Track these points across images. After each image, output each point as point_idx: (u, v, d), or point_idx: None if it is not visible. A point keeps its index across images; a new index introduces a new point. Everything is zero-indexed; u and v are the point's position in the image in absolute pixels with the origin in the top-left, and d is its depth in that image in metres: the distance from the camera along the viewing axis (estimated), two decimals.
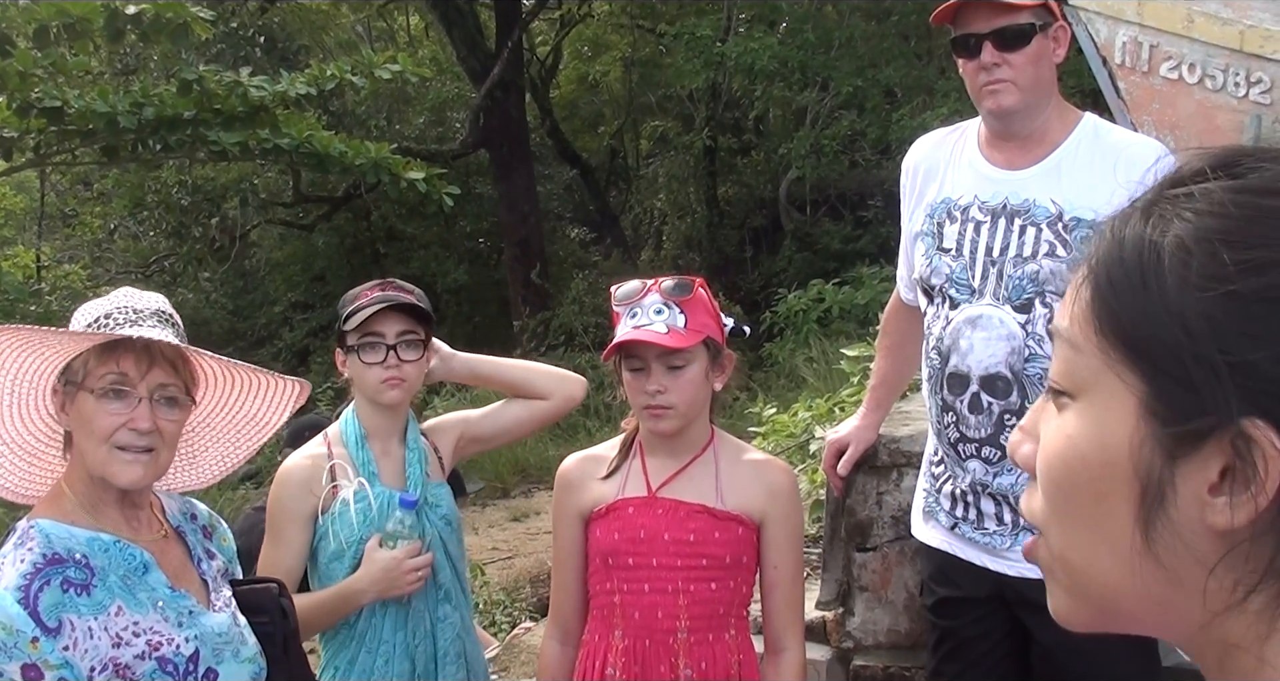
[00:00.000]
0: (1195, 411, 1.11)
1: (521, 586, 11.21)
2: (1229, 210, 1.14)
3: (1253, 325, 1.09)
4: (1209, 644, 1.19)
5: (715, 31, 23.46)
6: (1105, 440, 1.19)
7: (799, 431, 8.48)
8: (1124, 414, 1.17)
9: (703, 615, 3.82)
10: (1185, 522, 1.14)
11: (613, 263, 26.67)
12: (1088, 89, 9.44)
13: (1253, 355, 1.08)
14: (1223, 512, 1.11)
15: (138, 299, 3.27)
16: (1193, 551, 1.14)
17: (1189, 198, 1.18)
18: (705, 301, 3.84)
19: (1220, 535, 1.12)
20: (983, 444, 4.04)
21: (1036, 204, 3.96)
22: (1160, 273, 1.14)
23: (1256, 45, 5.07)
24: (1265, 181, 1.16)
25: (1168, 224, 1.17)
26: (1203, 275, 1.12)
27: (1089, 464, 1.21)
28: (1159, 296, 1.14)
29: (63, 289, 21.80)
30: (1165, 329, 1.13)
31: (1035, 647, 4.12)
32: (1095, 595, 1.25)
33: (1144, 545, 1.17)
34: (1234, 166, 1.19)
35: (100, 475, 3.12)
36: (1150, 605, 1.20)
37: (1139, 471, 1.16)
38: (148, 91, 12.23)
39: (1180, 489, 1.13)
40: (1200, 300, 1.11)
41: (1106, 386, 1.19)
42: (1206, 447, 1.11)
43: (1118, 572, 1.20)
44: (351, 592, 4.26)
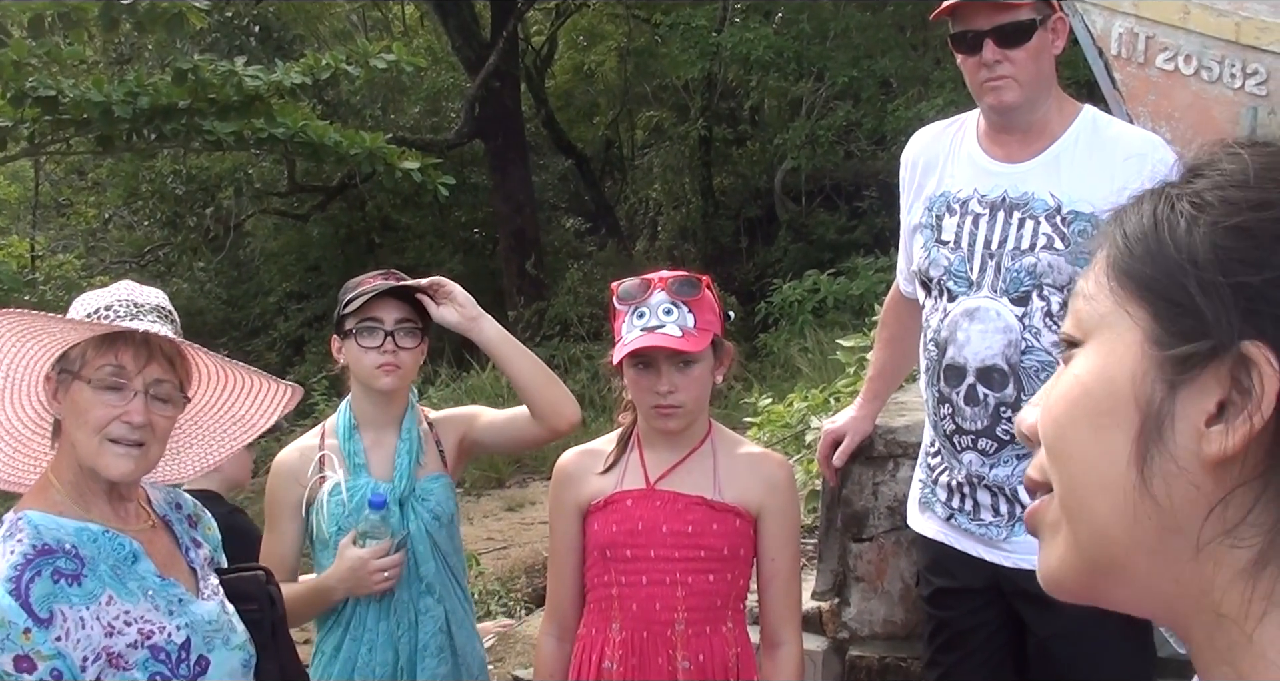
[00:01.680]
0: (1196, 333, 1.13)
1: (517, 576, 11.21)
2: (1235, 163, 1.19)
3: (1256, 253, 1.12)
4: (1198, 614, 1.17)
5: (710, 21, 23.45)
6: (1109, 373, 1.21)
7: (794, 422, 8.47)
8: (1129, 346, 1.19)
9: (700, 607, 3.82)
10: (1182, 457, 1.14)
11: (608, 253, 26.64)
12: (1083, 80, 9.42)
13: (1253, 278, 1.11)
14: (1218, 440, 1.11)
15: (138, 293, 3.27)
16: (1188, 489, 1.14)
17: (1209, 165, 1.23)
18: (711, 298, 3.84)
19: (1216, 472, 1.13)
20: (979, 435, 4.04)
21: (1035, 197, 3.96)
22: (1174, 218, 1.19)
23: (1253, 37, 5.06)
24: (1267, 147, 1.22)
25: (1184, 186, 1.22)
26: (1214, 212, 1.16)
27: (1092, 396, 1.22)
28: (1170, 236, 1.18)
29: (57, 278, 21.81)
30: (1173, 262, 1.17)
31: (1031, 638, 4.12)
32: (1090, 545, 1.23)
33: (1141, 482, 1.17)
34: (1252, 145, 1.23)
35: (90, 466, 3.11)
36: (1144, 555, 1.19)
37: (1139, 401, 1.17)
38: (142, 81, 12.23)
39: (1178, 420, 1.14)
40: (1208, 233, 1.15)
41: (1114, 324, 1.22)
42: (1205, 374, 1.13)
43: (1115, 515, 1.20)
44: (324, 589, 4.30)
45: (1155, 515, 1.16)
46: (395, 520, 4.32)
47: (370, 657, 4.31)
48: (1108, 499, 1.20)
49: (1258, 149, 1.20)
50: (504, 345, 4.47)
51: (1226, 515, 1.13)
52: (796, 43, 22.09)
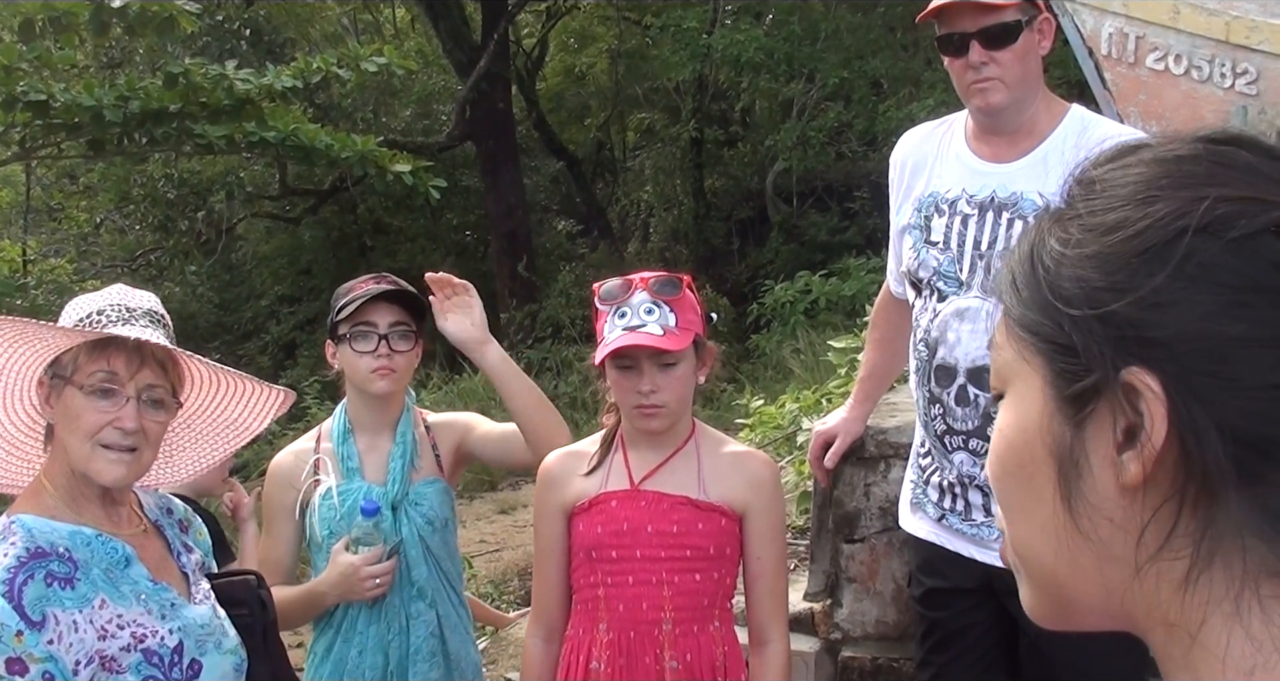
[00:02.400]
0: (1080, 371, 1.16)
1: (509, 579, 11.22)
2: (1096, 188, 1.22)
3: (1115, 278, 1.14)
4: (1152, 627, 1.20)
5: (701, 23, 23.43)
6: (1023, 423, 1.24)
7: (786, 423, 8.48)
8: (1034, 393, 1.22)
9: (687, 606, 3.82)
10: (1102, 490, 1.17)
11: (600, 255, 26.62)
12: (1073, 80, 9.45)
13: (1118, 304, 1.13)
14: (1128, 466, 1.13)
15: (131, 297, 3.27)
16: (1114, 521, 1.17)
17: (1079, 187, 1.25)
18: (692, 298, 3.84)
19: (1135, 497, 1.15)
20: (970, 436, 4.05)
21: (1024, 197, 3.96)
22: (1043, 254, 1.21)
23: (1242, 36, 5.07)
24: (1134, 156, 1.23)
25: (1057, 216, 1.24)
26: (1072, 245, 1.18)
27: (1014, 449, 1.26)
28: (1042, 274, 1.20)
29: (49, 283, 21.74)
30: (1049, 303, 1.19)
31: (1023, 638, 4.13)
32: (1046, 586, 1.28)
33: (1070, 522, 1.20)
34: (1125, 154, 1.26)
35: (83, 472, 3.11)
36: (1093, 588, 1.22)
37: (1051, 445, 1.20)
38: (133, 85, 12.23)
39: (1090, 456, 1.17)
40: (1069, 265, 1.17)
41: (1020, 374, 1.24)
42: (1101, 407, 1.15)
43: (1056, 558, 1.23)
44: (316, 594, 4.31)
45: (1090, 549, 1.20)
46: (388, 526, 4.32)
47: (360, 660, 4.31)
48: (1047, 542, 1.24)
49: (1161, 153, 1.21)
50: (506, 372, 4.43)
51: (1155, 535, 1.15)
52: (787, 44, 22.09)
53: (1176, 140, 1.23)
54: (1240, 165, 1.17)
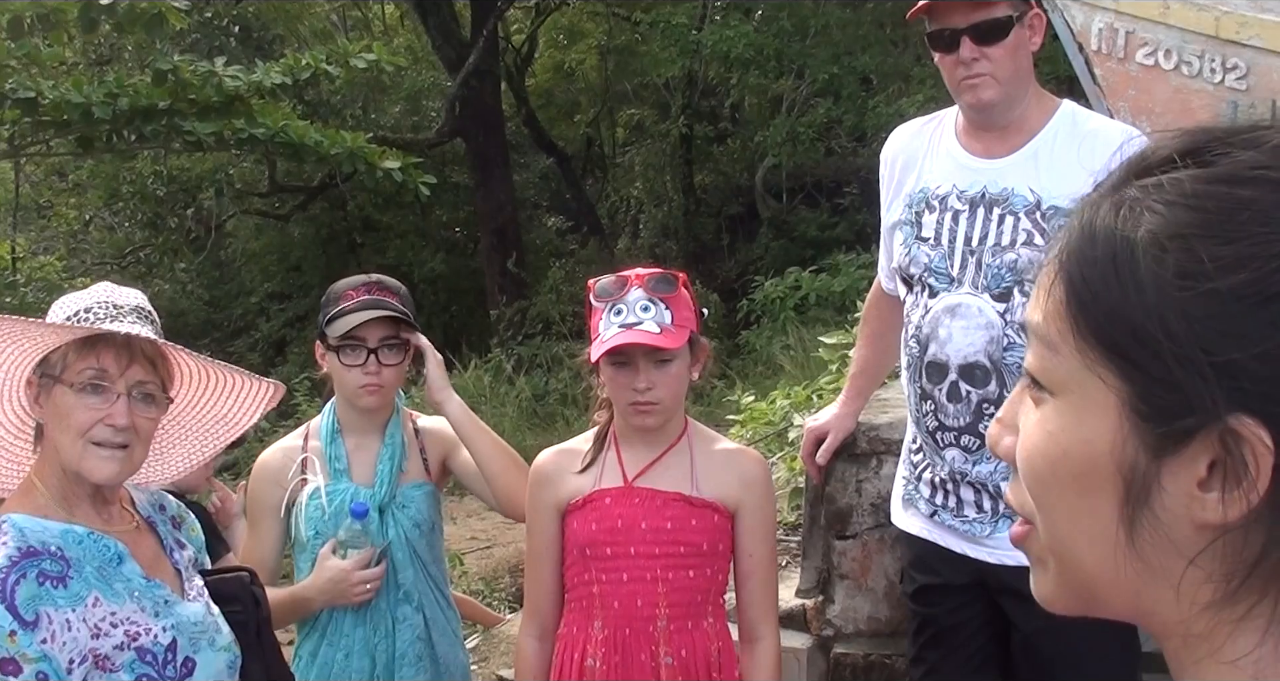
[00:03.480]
0: (1181, 411, 1.11)
1: (500, 576, 11.21)
2: (1202, 202, 1.13)
3: (1234, 323, 1.08)
4: (1173, 632, 1.20)
5: (691, 19, 23.45)
6: (1087, 437, 1.19)
7: (777, 419, 8.47)
8: (1105, 412, 1.17)
9: (682, 603, 3.83)
10: (1170, 518, 1.14)
11: (589, 251, 26.60)
12: (1063, 75, 9.45)
13: (1236, 354, 1.07)
14: (1214, 509, 1.10)
15: (118, 294, 3.27)
16: (1176, 546, 1.15)
17: (1159, 188, 1.17)
18: (687, 295, 3.85)
19: (1204, 528, 1.12)
20: (961, 432, 4.05)
21: (1015, 193, 3.97)
22: (1136, 271, 1.13)
23: (1232, 31, 5.07)
24: (1236, 169, 1.15)
25: (1138, 217, 1.16)
26: (1180, 273, 1.10)
27: (1072, 460, 1.21)
28: (1136, 295, 1.13)
29: (38, 280, 21.73)
30: (1145, 329, 1.12)
31: (1015, 634, 4.13)
32: (1078, 584, 1.25)
33: (1127, 540, 1.17)
34: (1202, 152, 1.18)
35: (75, 470, 3.11)
36: (1129, 596, 1.21)
37: (1122, 469, 1.16)
38: (122, 82, 12.22)
39: (1166, 485, 1.13)
40: (1179, 299, 1.10)
41: (1087, 385, 1.19)
42: (1193, 445, 1.11)
43: (1101, 565, 1.21)
44: (301, 599, 4.29)
45: (1140, 567, 1.18)
46: (375, 529, 4.31)
47: (347, 664, 4.30)
48: (1094, 552, 1.21)
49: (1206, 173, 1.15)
50: (470, 427, 4.40)
51: (1218, 559, 1.13)
52: (777, 40, 22.09)
53: (1265, 151, 1.16)
54: None
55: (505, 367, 20.38)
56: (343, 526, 4.23)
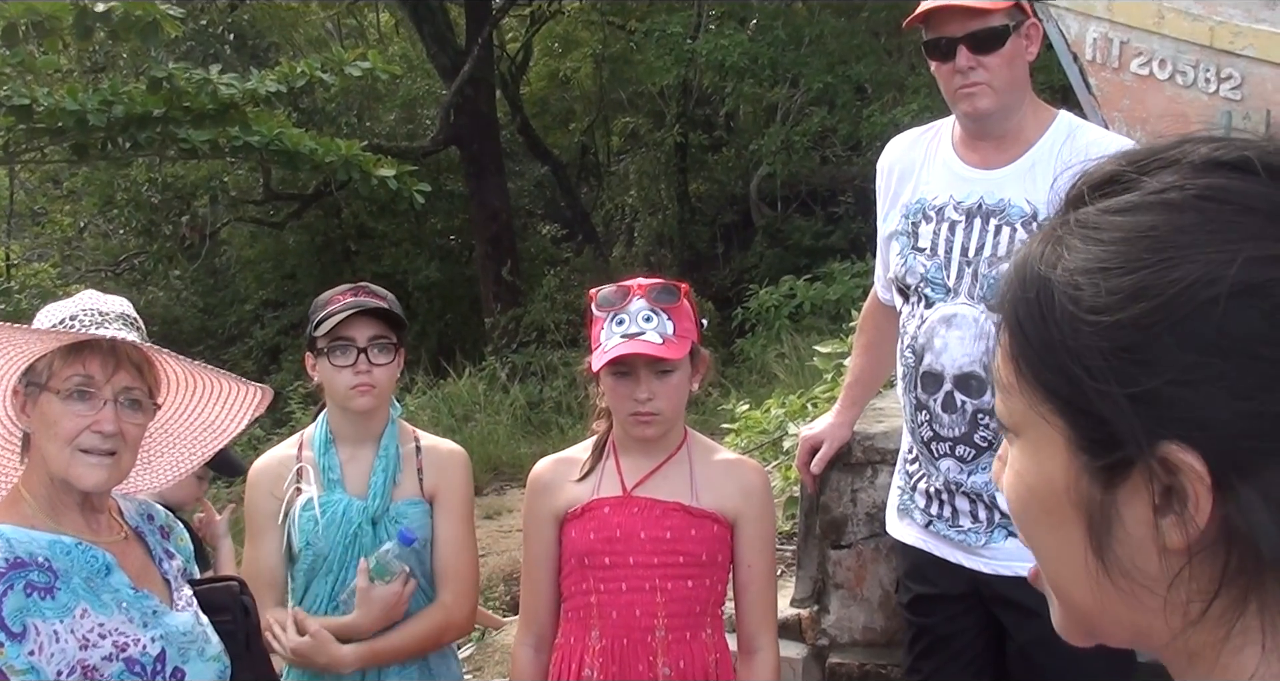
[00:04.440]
0: (1112, 444, 1.13)
1: (495, 585, 11.18)
2: (1109, 235, 1.15)
3: (1143, 353, 1.10)
4: (1175, 654, 1.20)
5: (686, 28, 23.42)
6: (1047, 475, 1.22)
7: (772, 428, 8.48)
8: (1056, 450, 1.20)
9: (680, 613, 3.82)
10: (1134, 546, 1.16)
11: (584, 259, 26.62)
12: (1058, 85, 9.45)
13: (1150, 383, 1.09)
14: (1170, 532, 1.12)
15: (103, 301, 3.26)
16: (1147, 571, 1.16)
17: (1078, 223, 1.19)
18: (688, 306, 3.84)
19: (1171, 553, 1.14)
20: (956, 442, 4.04)
21: (1011, 204, 3.96)
22: (1053, 309, 1.16)
23: (1227, 41, 5.08)
24: (1140, 197, 1.17)
25: (1059, 256, 1.18)
26: (1091, 308, 1.13)
27: (1038, 497, 1.24)
28: (1058, 334, 1.16)
29: (32, 287, 21.67)
30: (1068, 367, 1.15)
31: (1010, 644, 4.12)
32: (1076, 616, 1.28)
33: (1101, 569, 1.19)
34: (1117, 183, 1.20)
35: (63, 477, 3.10)
36: (1120, 622, 1.23)
37: (1080, 503, 1.18)
38: (117, 89, 12.22)
39: (1124, 515, 1.15)
40: (1091, 334, 1.13)
41: (1036, 425, 1.21)
42: (1135, 474, 1.13)
43: (1086, 596, 1.23)
44: (353, 628, 4.21)
45: (1120, 594, 1.19)
46: (369, 540, 4.28)
47: (338, 677, 4.26)
48: (1078, 584, 1.23)
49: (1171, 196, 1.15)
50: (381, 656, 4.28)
51: (1188, 581, 1.14)
52: (771, 49, 22.07)
53: (1179, 169, 1.18)
54: (1262, 206, 1.13)
55: (500, 376, 20.40)
56: (382, 551, 4.19)
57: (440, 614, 4.34)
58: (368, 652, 4.19)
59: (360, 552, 4.24)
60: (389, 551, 4.18)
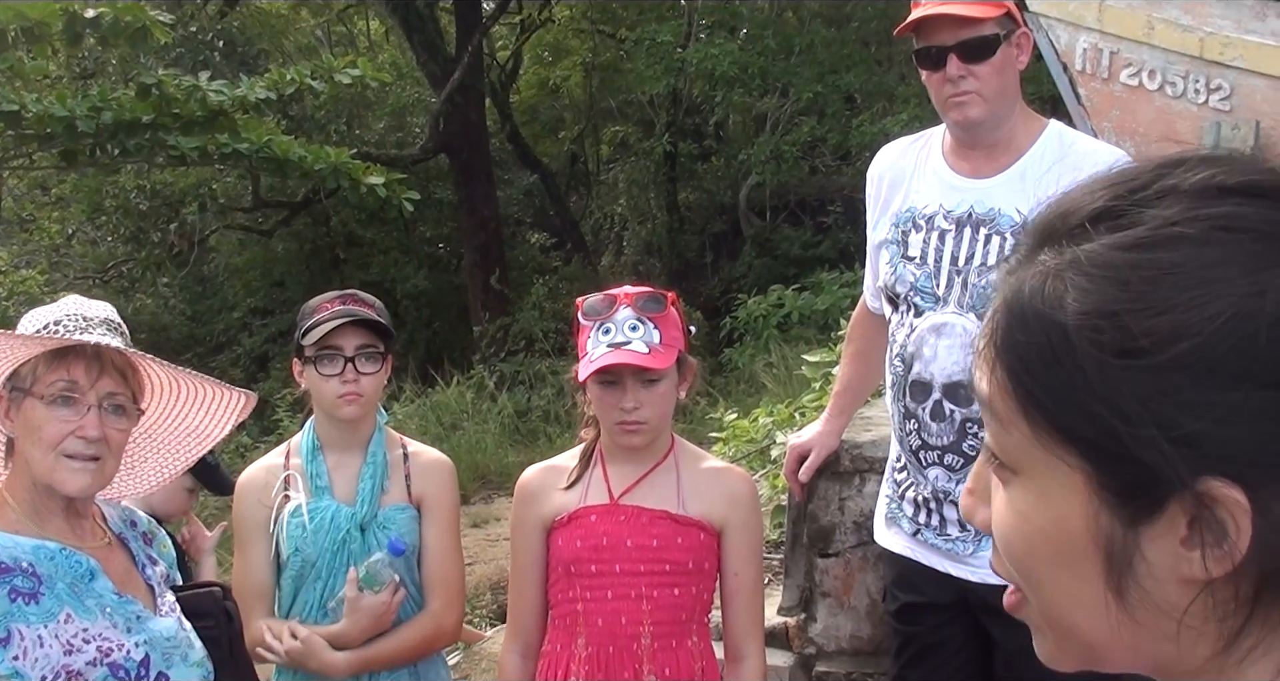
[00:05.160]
0: (1149, 484, 1.11)
1: (482, 593, 11.17)
2: (1125, 274, 1.12)
3: (1185, 394, 1.08)
4: (1177, 675, 1.20)
5: (676, 37, 23.47)
6: (1060, 515, 1.19)
7: (760, 437, 8.47)
8: (1073, 491, 1.17)
9: (666, 621, 3.82)
10: (1156, 580, 1.14)
11: (573, 268, 26.65)
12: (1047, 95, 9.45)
13: (1195, 425, 1.07)
14: (1199, 566, 1.11)
15: (87, 307, 3.25)
16: (1166, 602, 1.15)
17: (1077, 262, 1.16)
18: (675, 315, 3.84)
19: (1192, 583, 1.12)
20: (945, 451, 4.04)
21: (1001, 213, 3.96)
22: (1073, 354, 1.13)
23: (1216, 52, 5.09)
24: (1152, 232, 1.14)
25: (1063, 296, 1.15)
26: (1119, 352, 1.10)
27: (1049, 538, 1.21)
28: (1079, 379, 1.12)
29: (20, 294, 21.71)
30: (1096, 412, 1.12)
31: (998, 653, 4.11)
32: (1078, 648, 1.26)
33: (1118, 604, 1.17)
34: (1116, 217, 1.17)
35: (47, 483, 3.09)
36: (1130, 652, 1.21)
37: (1100, 542, 1.16)
38: (106, 96, 12.22)
39: (1148, 552, 1.14)
40: (1124, 379, 1.10)
41: (1049, 466, 1.19)
42: (1168, 511, 1.11)
43: (1096, 630, 1.21)
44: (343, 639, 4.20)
45: (1134, 626, 1.18)
46: (358, 547, 4.27)
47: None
48: (1087, 618, 1.21)
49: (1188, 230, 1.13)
50: (373, 663, 4.30)
51: (1200, 613, 1.13)
52: (761, 58, 22.13)
53: (1179, 198, 1.15)
54: (1275, 232, 1.11)
55: (488, 384, 20.41)
56: (373, 561, 4.19)
57: (430, 622, 4.35)
58: (359, 659, 4.19)
59: (349, 559, 4.24)
60: (379, 561, 4.18)
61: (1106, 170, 1.26)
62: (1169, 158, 1.21)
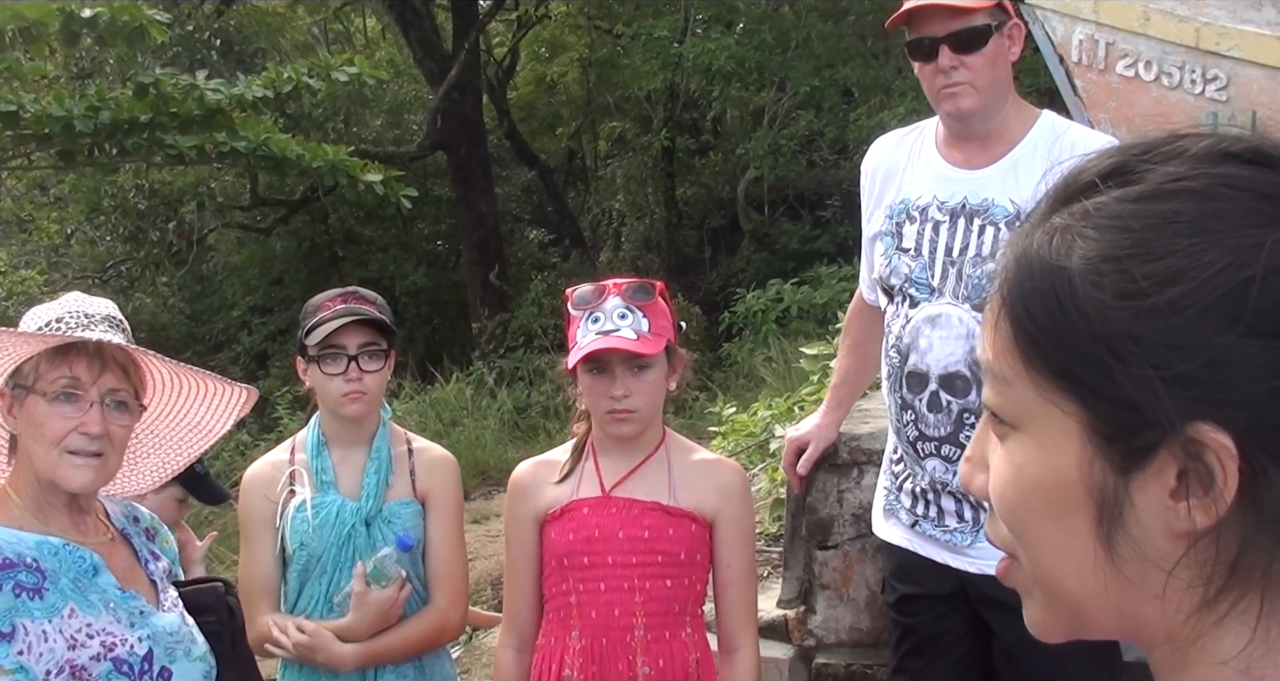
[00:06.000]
0: (1140, 427, 1.13)
1: (482, 588, 11.16)
2: (1129, 222, 1.16)
3: (1178, 336, 1.11)
4: (1159, 639, 1.22)
5: (672, 32, 23.43)
6: (1054, 464, 1.22)
7: (759, 430, 8.48)
8: (1068, 438, 1.20)
9: (659, 612, 3.83)
10: (1145, 531, 1.17)
11: (572, 264, 26.62)
12: (1044, 87, 9.49)
13: (1185, 366, 1.10)
14: (1185, 517, 1.13)
15: (88, 304, 3.26)
16: (1154, 557, 1.17)
17: (1086, 214, 1.19)
18: (664, 304, 3.85)
19: (1180, 537, 1.15)
20: (942, 442, 4.05)
21: (995, 203, 3.97)
22: (1075, 298, 1.16)
23: (1212, 42, 5.09)
24: (1157, 184, 1.18)
25: (1071, 245, 1.18)
26: (1119, 294, 1.13)
27: (1042, 489, 1.24)
28: (1080, 322, 1.16)
29: (19, 294, 21.69)
30: (1093, 354, 1.15)
31: (997, 644, 4.13)
32: (1065, 608, 1.28)
33: (1107, 558, 1.20)
34: (1125, 172, 1.21)
35: (50, 479, 3.10)
36: (1114, 612, 1.23)
37: (1092, 491, 1.19)
38: (104, 95, 12.20)
39: (1138, 501, 1.16)
40: (1122, 320, 1.13)
41: (1046, 415, 1.21)
42: (1158, 458, 1.14)
43: (1086, 587, 1.23)
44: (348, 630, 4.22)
45: (1122, 582, 1.20)
46: (363, 542, 4.29)
47: (334, 676, 4.26)
48: (1076, 574, 1.23)
49: (1192, 184, 1.17)
50: (380, 657, 4.33)
51: (1186, 569, 1.15)
52: (758, 53, 22.11)
53: (1185, 161, 1.19)
54: (1277, 194, 1.15)
55: (487, 380, 20.41)
56: (380, 556, 4.21)
57: (437, 616, 4.38)
58: (366, 652, 4.22)
59: (354, 553, 4.27)
60: (387, 556, 4.20)
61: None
62: (1176, 131, 1.24)
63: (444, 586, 4.39)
